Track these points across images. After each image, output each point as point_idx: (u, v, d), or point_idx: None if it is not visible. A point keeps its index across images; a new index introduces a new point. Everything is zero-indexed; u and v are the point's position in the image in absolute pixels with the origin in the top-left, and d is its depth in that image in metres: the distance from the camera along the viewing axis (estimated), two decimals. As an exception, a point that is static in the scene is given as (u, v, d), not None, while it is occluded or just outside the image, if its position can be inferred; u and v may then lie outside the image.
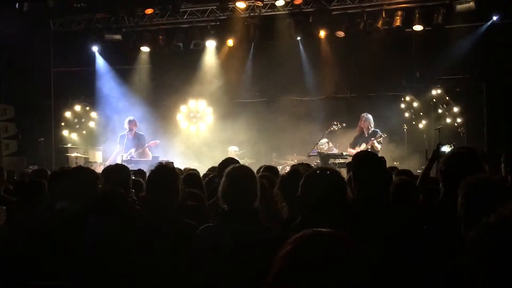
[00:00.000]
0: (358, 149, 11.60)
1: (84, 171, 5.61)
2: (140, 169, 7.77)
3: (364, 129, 12.09)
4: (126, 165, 6.65)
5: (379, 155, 6.63)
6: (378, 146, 11.54)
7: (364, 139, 11.97)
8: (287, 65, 14.42)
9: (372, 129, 12.05)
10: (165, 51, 15.62)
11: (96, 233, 4.13)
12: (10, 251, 4.34)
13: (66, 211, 4.64)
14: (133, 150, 12.66)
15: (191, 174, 6.19)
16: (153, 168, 4.22)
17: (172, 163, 5.82)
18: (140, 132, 13.18)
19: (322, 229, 1.49)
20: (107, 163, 12.15)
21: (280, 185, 4.28)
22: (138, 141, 12.88)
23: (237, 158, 12.59)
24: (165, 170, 4.15)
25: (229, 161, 5.61)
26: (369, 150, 10.82)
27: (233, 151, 13.85)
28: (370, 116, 12.16)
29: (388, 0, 13.80)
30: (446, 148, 5.77)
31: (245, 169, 3.77)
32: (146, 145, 12.85)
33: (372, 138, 11.66)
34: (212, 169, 7.35)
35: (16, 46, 14.53)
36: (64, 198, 4.83)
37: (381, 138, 11.71)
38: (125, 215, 4.23)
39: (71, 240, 4.16)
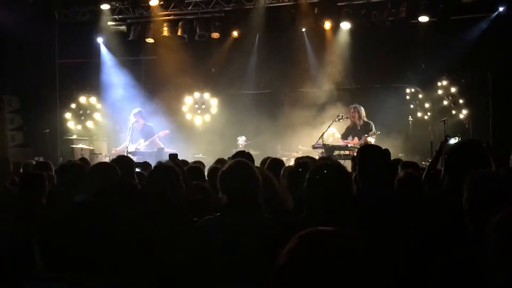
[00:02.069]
0: (351, 141, 11.63)
1: (102, 165, 5.58)
2: (146, 161, 7.77)
3: (355, 121, 12.00)
4: (131, 157, 6.67)
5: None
6: (372, 141, 11.37)
7: (356, 131, 11.88)
8: (292, 56, 14.41)
9: (364, 120, 11.93)
10: (170, 43, 15.60)
11: (119, 225, 4.14)
12: (12, 243, 4.35)
13: (84, 203, 4.65)
14: (142, 140, 12.72)
15: (193, 167, 6.19)
16: (154, 166, 4.24)
17: (176, 154, 5.84)
18: (148, 124, 13.20)
19: (326, 228, 1.53)
20: (117, 153, 12.31)
21: (288, 177, 4.28)
22: (147, 132, 12.92)
23: (243, 149, 12.70)
24: (163, 170, 4.16)
25: (240, 154, 5.64)
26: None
27: (240, 142, 13.91)
28: (359, 108, 12.01)
29: (394, -9, 13.73)
30: (454, 141, 5.76)
31: (244, 164, 3.78)
32: (156, 135, 12.89)
33: (365, 135, 11.53)
34: (218, 161, 7.34)
35: (21, 37, 14.53)
36: (80, 191, 4.84)
37: (375, 136, 11.52)
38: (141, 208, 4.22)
39: (87, 232, 4.16)
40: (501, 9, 13.25)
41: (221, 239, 3.49)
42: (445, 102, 13.92)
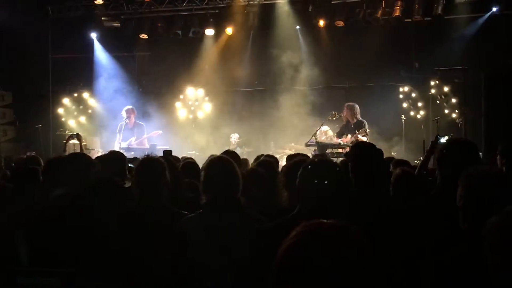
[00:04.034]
0: (344, 139, 11.63)
1: (79, 157, 5.58)
2: (136, 157, 7.74)
3: (349, 118, 11.99)
4: (123, 152, 6.63)
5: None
6: (364, 139, 11.35)
7: (350, 129, 11.88)
8: (285, 54, 14.39)
9: (357, 117, 11.89)
10: (164, 39, 15.58)
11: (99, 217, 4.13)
12: (7, 237, 4.34)
13: (63, 197, 4.64)
14: (133, 139, 12.55)
15: (189, 163, 6.16)
16: (140, 160, 4.24)
17: (171, 151, 5.83)
18: (139, 122, 13.06)
19: (326, 221, 1.51)
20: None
21: (284, 173, 4.27)
22: (137, 130, 12.74)
23: (236, 146, 12.67)
24: (151, 162, 4.15)
25: (226, 153, 5.66)
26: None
27: (233, 139, 13.90)
28: (353, 105, 11.95)
29: (388, -11, 13.74)
30: (444, 140, 5.77)
31: (224, 161, 3.77)
32: (148, 135, 12.73)
33: (356, 131, 11.51)
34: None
35: (14, 32, 14.44)
36: (60, 185, 4.82)
37: (365, 133, 11.46)
38: (115, 205, 4.20)
39: (69, 225, 4.15)
40: (494, 9, 13.30)
41: (203, 239, 3.49)
42: (438, 102, 13.95)
